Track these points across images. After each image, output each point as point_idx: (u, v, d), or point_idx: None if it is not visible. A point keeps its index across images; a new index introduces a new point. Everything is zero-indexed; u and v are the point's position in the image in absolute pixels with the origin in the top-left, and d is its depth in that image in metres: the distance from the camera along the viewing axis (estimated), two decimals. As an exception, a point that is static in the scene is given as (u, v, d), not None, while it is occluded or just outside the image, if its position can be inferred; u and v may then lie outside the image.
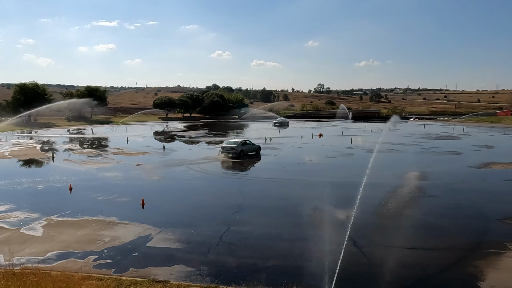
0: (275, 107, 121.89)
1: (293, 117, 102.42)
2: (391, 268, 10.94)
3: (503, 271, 10.76)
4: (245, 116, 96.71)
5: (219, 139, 48.44)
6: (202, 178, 24.41)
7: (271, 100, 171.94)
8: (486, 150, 38.51)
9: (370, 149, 36.24)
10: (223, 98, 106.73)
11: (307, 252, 11.95)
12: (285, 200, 18.93)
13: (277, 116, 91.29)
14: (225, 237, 13.41)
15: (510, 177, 24.26)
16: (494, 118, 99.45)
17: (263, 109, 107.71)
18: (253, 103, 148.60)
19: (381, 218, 15.87)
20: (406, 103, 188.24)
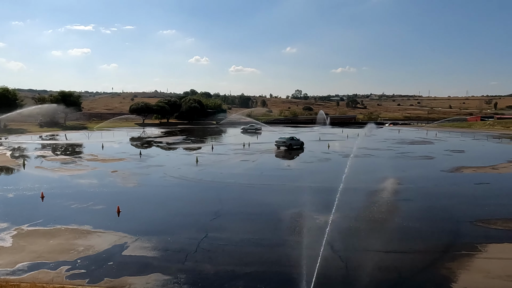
0: (253, 113, 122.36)
1: (271, 123, 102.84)
2: (368, 271, 11.08)
3: (474, 272, 11.08)
4: (224, 122, 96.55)
5: (197, 145, 48.19)
6: (179, 184, 24.14)
7: (249, 106, 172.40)
8: (457, 154, 39.78)
9: (347, 154, 36.78)
10: (201, 103, 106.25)
11: (286, 258, 11.97)
12: (263, 205, 18.96)
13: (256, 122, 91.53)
14: (203, 244, 13.28)
15: (480, 181, 25.07)
16: (464, 123, 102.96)
17: (241, 115, 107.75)
18: (231, 109, 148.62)
19: (357, 222, 16.09)
20: (382, 109, 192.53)
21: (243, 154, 38.21)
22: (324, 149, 42.90)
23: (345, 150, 41.88)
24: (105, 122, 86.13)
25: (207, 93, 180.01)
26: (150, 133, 68.36)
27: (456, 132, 75.87)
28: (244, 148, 43.83)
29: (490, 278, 10.71)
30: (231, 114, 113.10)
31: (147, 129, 77.11)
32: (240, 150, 41.67)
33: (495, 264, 11.63)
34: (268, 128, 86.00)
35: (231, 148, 44.47)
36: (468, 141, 56.85)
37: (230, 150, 42.55)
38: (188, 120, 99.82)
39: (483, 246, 13.03)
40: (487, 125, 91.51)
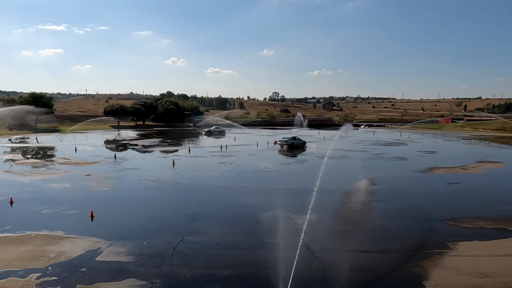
0: (230, 115, 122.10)
1: (249, 125, 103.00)
2: (343, 271, 11.23)
3: (445, 269, 11.41)
4: (201, 124, 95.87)
5: (173, 148, 47.66)
6: (155, 188, 23.78)
7: (226, 108, 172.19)
8: (429, 155, 40.93)
9: (323, 156, 37.18)
10: (178, 105, 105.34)
11: (262, 260, 11.97)
12: (240, 208, 18.92)
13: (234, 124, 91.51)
14: (179, 247, 13.13)
15: (451, 181, 25.86)
16: (436, 125, 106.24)
17: (218, 117, 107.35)
18: (209, 111, 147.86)
19: (333, 223, 16.29)
20: (357, 111, 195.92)
21: (221, 157, 38.07)
22: (301, 151, 43.26)
23: (322, 151, 42.33)
24: (78, 125, 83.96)
25: (184, 95, 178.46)
26: (125, 135, 67.12)
27: (429, 134, 78.12)
28: (221, 150, 43.66)
29: (460, 275, 11.06)
30: (209, 116, 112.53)
31: (122, 132, 75.69)
32: (218, 153, 41.50)
33: (464, 261, 12.01)
34: (246, 130, 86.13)
35: (208, 150, 44.22)
36: (440, 142, 58.59)
37: (207, 152, 42.30)
38: (165, 122, 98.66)
39: (453, 244, 13.44)
40: (458, 126, 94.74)
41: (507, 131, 77.59)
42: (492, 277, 10.83)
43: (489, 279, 10.71)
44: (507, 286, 10.31)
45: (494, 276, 10.87)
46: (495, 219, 16.47)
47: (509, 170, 31.25)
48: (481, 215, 17.11)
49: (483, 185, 25.42)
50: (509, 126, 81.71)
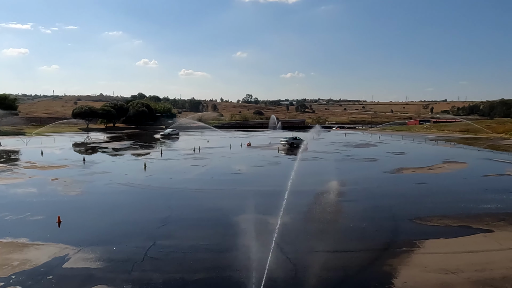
0: (204, 117, 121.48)
1: (222, 127, 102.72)
2: (316, 272, 11.37)
3: (413, 267, 11.75)
4: (173, 126, 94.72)
5: (145, 151, 46.87)
6: (126, 191, 23.28)
7: (200, 110, 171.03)
8: (398, 156, 42.12)
9: (296, 157, 37.58)
10: (150, 107, 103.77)
11: (235, 262, 11.93)
12: (213, 210, 18.80)
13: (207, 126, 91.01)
14: (151, 252, 12.89)
15: (418, 181, 26.68)
16: (405, 127, 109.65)
17: (191, 119, 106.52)
18: (182, 113, 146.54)
19: (306, 223, 16.47)
20: (329, 113, 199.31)
21: (194, 159, 37.74)
22: (274, 153, 43.53)
23: (295, 153, 42.76)
24: (45, 127, 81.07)
25: (156, 96, 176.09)
26: (95, 138, 65.38)
27: (398, 135, 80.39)
28: (194, 152, 43.30)
29: (427, 272, 11.42)
30: (181, 118, 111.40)
31: (91, 134, 73.63)
32: (190, 155, 41.12)
33: (431, 259, 12.41)
34: (219, 132, 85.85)
35: (181, 153, 43.76)
36: (408, 144, 60.40)
37: (179, 155, 41.85)
38: (136, 124, 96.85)
39: (421, 242, 13.86)
40: (425, 128, 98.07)
41: (470, 133, 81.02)
42: (457, 273, 11.25)
43: (453, 275, 11.12)
44: (470, 281, 10.73)
45: (459, 272, 11.29)
46: (459, 217, 17.13)
47: (472, 170, 32.60)
48: (446, 214, 17.74)
49: (449, 184, 26.37)
50: (472, 128, 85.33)
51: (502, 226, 15.83)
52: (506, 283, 10.60)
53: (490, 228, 15.55)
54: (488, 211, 18.32)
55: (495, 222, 16.39)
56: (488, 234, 14.89)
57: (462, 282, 10.68)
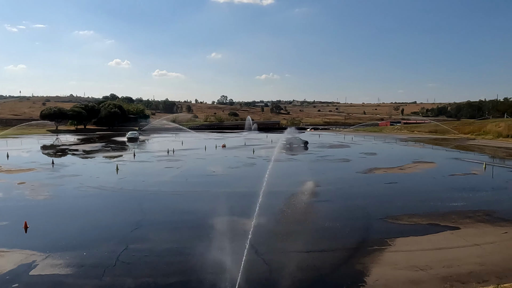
0: (178, 118, 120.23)
1: (197, 128, 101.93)
2: (290, 272, 11.44)
3: (384, 265, 12.03)
4: (147, 128, 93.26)
5: (117, 153, 45.89)
6: (97, 195, 22.70)
7: (174, 111, 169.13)
8: (370, 157, 43.03)
9: (271, 159, 37.75)
10: (122, 108, 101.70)
11: (210, 265, 11.84)
12: (188, 213, 18.62)
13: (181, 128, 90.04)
14: (123, 256, 12.62)
15: (389, 181, 27.36)
16: (376, 128, 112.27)
17: (165, 120, 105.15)
18: (155, 114, 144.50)
19: (280, 224, 16.55)
20: (303, 114, 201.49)
21: (168, 161, 37.26)
22: (249, 154, 43.59)
23: (269, 154, 42.96)
24: (11, 129, 78.00)
25: (129, 98, 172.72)
26: (64, 140, 63.47)
27: (370, 136, 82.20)
28: (168, 154, 42.76)
29: (397, 269, 11.71)
30: (155, 119, 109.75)
31: (61, 136, 71.48)
32: (164, 157, 40.58)
33: (401, 256, 12.75)
34: (194, 134, 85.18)
35: (155, 155, 43.11)
36: (380, 144, 61.83)
37: (153, 157, 41.21)
38: (108, 126, 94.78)
39: (392, 241, 14.22)
40: (396, 129, 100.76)
41: (439, 134, 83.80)
42: (426, 269, 11.61)
43: (423, 272, 11.46)
44: (439, 277, 11.08)
45: (428, 269, 11.65)
46: (429, 216, 17.68)
47: (440, 169, 33.70)
48: (416, 212, 18.27)
49: (418, 183, 27.18)
50: (440, 129, 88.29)
51: (468, 223, 16.44)
52: (472, 278, 11.01)
53: (457, 226, 16.12)
54: (455, 209, 19.00)
55: (461, 219, 17.01)
56: (455, 231, 15.44)
57: (431, 279, 11.01)
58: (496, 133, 68.83)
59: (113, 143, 58.68)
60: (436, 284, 10.61)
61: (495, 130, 70.41)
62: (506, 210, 18.78)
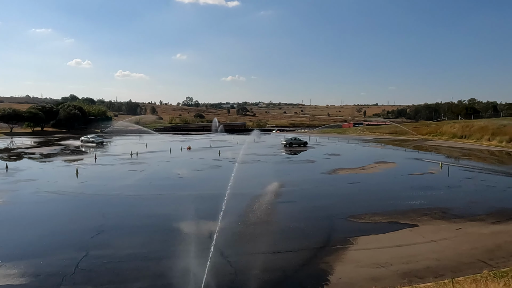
0: (142, 120, 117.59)
1: (161, 130, 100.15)
2: (256, 273, 11.47)
3: (347, 263, 12.33)
4: (109, 130, 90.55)
5: (77, 156, 44.24)
6: (56, 200, 21.74)
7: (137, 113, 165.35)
8: (334, 157, 44.00)
9: (237, 160, 37.78)
10: (83, 110, 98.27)
11: (174, 269, 11.65)
12: (152, 217, 18.23)
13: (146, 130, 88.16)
14: (83, 263, 12.16)
15: (352, 181, 28.10)
16: (340, 129, 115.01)
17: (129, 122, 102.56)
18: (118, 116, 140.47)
19: (246, 226, 16.54)
20: (269, 116, 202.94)
21: (131, 164, 36.35)
22: (215, 156, 43.34)
23: (235, 156, 42.96)
24: (-40, 132, 73.31)
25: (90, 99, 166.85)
26: (20, 143, 60.34)
27: (334, 137, 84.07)
28: (131, 157, 41.71)
29: (360, 267, 12.04)
30: (117, 121, 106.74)
31: (16, 139, 67.94)
32: (128, 160, 39.56)
33: (364, 254, 13.11)
34: (158, 136, 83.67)
35: (118, 158, 41.89)
36: (343, 145, 63.35)
37: (116, 160, 40.03)
38: (68, 128, 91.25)
39: (354, 239, 14.60)
40: (358, 131, 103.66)
41: (398, 135, 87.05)
42: (386, 266, 12.01)
43: (384, 269, 11.85)
44: (398, 273, 11.50)
45: (388, 266, 12.05)
46: (389, 214, 18.32)
47: (400, 168, 35.02)
48: (377, 211, 18.87)
49: (379, 183, 28.09)
50: (400, 130, 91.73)
51: (426, 221, 17.18)
52: (429, 273, 11.50)
53: (415, 223, 16.80)
54: (414, 207, 19.79)
55: (419, 217, 17.76)
56: (414, 229, 16.08)
57: (391, 275, 11.40)
58: (451, 134, 72.43)
59: (72, 146, 56.50)
60: (396, 280, 10.99)
61: (450, 131, 74.06)
62: (460, 207, 19.81)
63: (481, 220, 17.28)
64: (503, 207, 19.94)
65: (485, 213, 18.48)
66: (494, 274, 10.81)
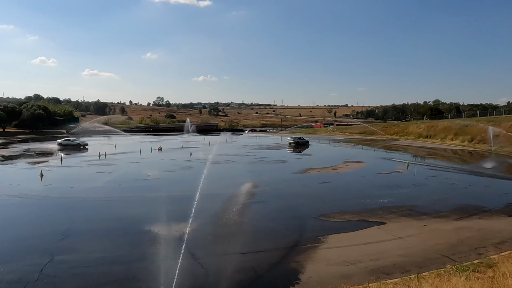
0: (110, 120, 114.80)
1: (131, 131, 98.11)
2: (227, 274, 11.42)
3: (317, 262, 12.50)
4: (75, 131, 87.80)
5: (42, 158, 42.62)
6: (18, 204, 20.84)
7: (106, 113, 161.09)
8: (305, 157, 44.56)
9: (209, 161, 37.53)
10: (48, 110, 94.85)
11: (144, 273, 11.44)
12: (121, 220, 17.81)
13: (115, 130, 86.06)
14: (47, 269, 11.71)
15: (323, 180, 28.53)
16: (311, 130, 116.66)
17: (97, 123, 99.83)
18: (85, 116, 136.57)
19: (217, 227, 16.46)
20: (241, 116, 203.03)
21: (99, 166, 35.37)
22: (186, 157, 42.88)
23: (207, 157, 42.66)
24: None
25: (55, 98, 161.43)
26: (-21, 145, 57.48)
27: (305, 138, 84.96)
28: (100, 159, 40.59)
29: (330, 265, 12.23)
30: (85, 122, 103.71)
31: (-25, 141, 64.67)
32: (96, 161, 38.47)
33: (334, 253, 13.33)
34: (128, 136, 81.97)
35: (85, 159, 40.68)
36: (314, 146, 64.20)
37: (83, 161, 38.86)
38: (32, 129, 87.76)
39: (325, 238, 14.82)
40: (329, 131, 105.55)
41: (367, 135, 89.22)
42: (355, 264, 12.26)
43: (353, 266, 12.09)
44: (367, 270, 11.76)
45: (357, 263, 12.31)
46: (358, 212, 18.72)
47: (369, 168, 35.89)
48: (347, 210, 19.25)
49: (349, 182, 28.69)
50: (369, 130, 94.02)
51: (393, 218, 17.68)
52: (395, 269, 11.84)
53: (383, 221, 17.26)
54: (382, 205, 20.31)
55: (387, 215, 18.25)
56: (382, 226, 16.51)
57: (360, 272, 11.65)
58: (417, 134, 74.96)
59: (37, 148, 54.37)
60: (364, 277, 11.23)
61: (416, 131, 76.61)
62: (426, 205, 20.52)
63: (445, 217, 17.95)
64: (465, 204, 20.81)
65: (448, 210, 19.22)
66: (456, 268, 11.25)
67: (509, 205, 20.59)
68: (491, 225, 16.67)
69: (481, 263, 11.70)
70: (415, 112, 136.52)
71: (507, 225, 16.65)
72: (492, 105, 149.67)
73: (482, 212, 18.91)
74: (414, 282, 10.24)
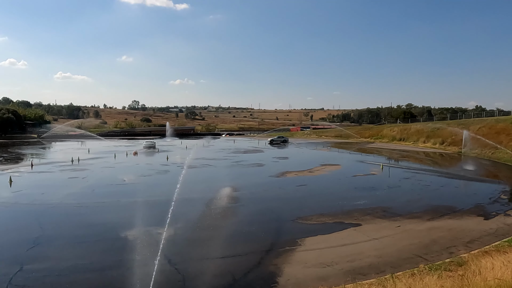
0: (84, 124, 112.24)
1: (105, 135, 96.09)
2: (204, 279, 11.32)
3: (295, 264, 12.56)
4: (47, 135, 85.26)
5: (11, 164, 41.13)
6: (-15, 211, 20.01)
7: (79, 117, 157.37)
8: (283, 161, 44.82)
9: (186, 165, 37.19)
10: (18, 114, 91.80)
11: (118, 280, 11.19)
12: (94, 226, 17.36)
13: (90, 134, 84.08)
14: (17, 279, 11.28)
15: (300, 183, 28.76)
16: (288, 133, 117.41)
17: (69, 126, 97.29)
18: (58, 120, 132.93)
19: (194, 232, 16.30)
20: (219, 120, 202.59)
21: (72, 171, 34.45)
22: (163, 161, 42.35)
23: (184, 161, 42.26)
24: None
25: (26, 102, 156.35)
26: None
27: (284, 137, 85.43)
28: (72, 164, 39.53)
29: (307, 267, 12.31)
30: (57, 126, 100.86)
31: None
32: (68, 167, 37.44)
33: (311, 255, 13.44)
34: (103, 141, 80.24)
35: (57, 165, 39.49)
36: (291, 149, 64.72)
37: (55, 167, 37.72)
38: (0, 134, 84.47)
39: (302, 240, 14.91)
40: (306, 134, 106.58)
41: (343, 138, 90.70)
42: (332, 265, 12.40)
43: (329, 268, 12.22)
44: (343, 271, 11.91)
45: (334, 265, 12.45)
46: (334, 214, 18.96)
47: (345, 170, 36.44)
48: (324, 212, 19.46)
49: (325, 185, 29.03)
50: (344, 133, 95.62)
51: (368, 220, 18.00)
52: (371, 270, 12.04)
53: (359, 222, 17.54)
54: (357, 207, 20.65)
55: (362, 216, 18.57)
56: (357, 228, 16.78)
57: (337, 273, 11.79)
58: (391, 137, 76.76)
59: (6, 153, 52.43)
60: (341, 278, 11.37)
61: (390, 134, 78.46)
62: (400, 206, 21.01)
63: (418, 218, 18.42)
64: (438, 204, 21.42)
65: (421, 211, 19.74)
66: (429, 267, 11.56)
67: (478, 205, 21.35)
68: (461, 225, 17.23)
69: (452, 262, 12.07)
70: (389, 115, 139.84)
71: (477, 224, 17.26)
72: (462, 109, 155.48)
73: (453, 212, 19.52)
74: (389, 282, 10.44)
